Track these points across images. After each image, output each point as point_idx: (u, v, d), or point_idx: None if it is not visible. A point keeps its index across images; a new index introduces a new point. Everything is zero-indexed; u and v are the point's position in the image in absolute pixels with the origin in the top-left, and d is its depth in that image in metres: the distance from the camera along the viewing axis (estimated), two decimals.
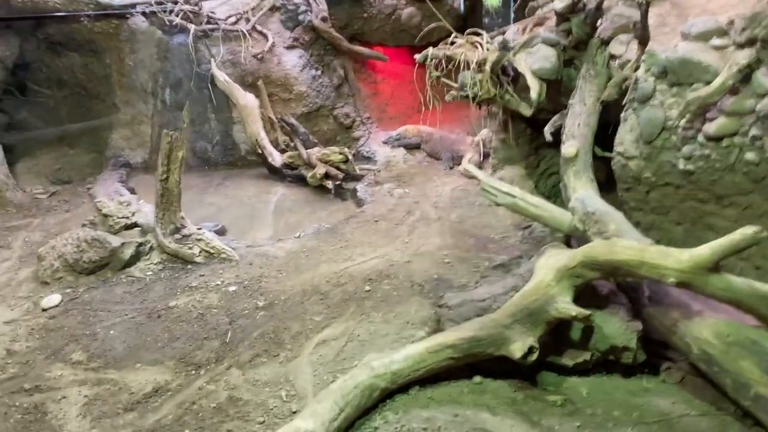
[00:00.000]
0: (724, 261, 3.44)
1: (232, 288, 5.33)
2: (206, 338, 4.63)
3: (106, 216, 6.34)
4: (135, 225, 6.39)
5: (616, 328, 3.95)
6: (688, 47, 4.61)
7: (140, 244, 5.91)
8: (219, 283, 5.43)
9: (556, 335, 3.99)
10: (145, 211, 6.77)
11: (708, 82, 4.46)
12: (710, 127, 4.39)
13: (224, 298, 5.16)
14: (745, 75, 4.25)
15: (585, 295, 4.05)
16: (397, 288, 5.19)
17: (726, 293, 3.46)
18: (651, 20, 5.13)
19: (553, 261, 4.03)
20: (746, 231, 3.34)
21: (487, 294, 4.42)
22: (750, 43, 4.27)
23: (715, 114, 4.38)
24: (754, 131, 4.21)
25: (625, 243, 3.73)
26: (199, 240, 5.93)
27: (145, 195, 7.50)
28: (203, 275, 5.58)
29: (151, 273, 5.70)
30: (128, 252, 5.76)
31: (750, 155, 4.25)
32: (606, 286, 4.17)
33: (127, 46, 9.13)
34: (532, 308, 3.82)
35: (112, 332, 4.81)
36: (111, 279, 5.62)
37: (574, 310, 3.71)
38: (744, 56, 4.21)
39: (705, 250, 3.42)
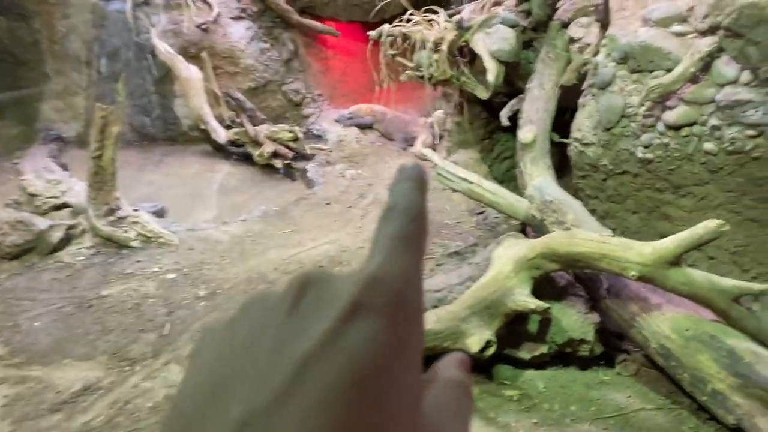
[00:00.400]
0: (685, 254, 3.38)
1: (170, 275, 4.99)
2: (142, 331, 4.30)
3: (32, 195, 5.84)
4: (65, 205, 5.92)
5: (573, 320, 3.87)
6: (649, 33, 4.51)
7: (70, 227, 5.47)
8: (157, 269, 5.08)
9: (513, 327, 3.86)
10: (77, 189, 6.30)
11: (669, 70, 4.37)
12: (670, 116, 4.31)
13: (162, 287, 4.83)
14: (707, 63, 4.18)
15: (542, 286, 3.93)
16: None
17: (686, 287, 3.39)
18: (611, 3, 5.02)
19: (511, 251, 3.89)
20: (709, 224, 3.27)
21: (442, 284, 4.25)
22: (712, 30, 4.19)
23: (675, 102, 4.30)
24: (713, 121, 4.15)
25: (585, 235, 3.62)
26: (136, 223, 5.54)
27: (78, 172, 6.98)
28: (140, 261, 5.21)
29: (82, 258, 5.29)
30: (57, 235, 5.33)
31: (708, 145, 4.19)
32: (564, 278, 4.07)
33: (59, 11, 8.46)
34: (489, 300, 3.67)
35: (37, 324, 4.41)
36: (37, 265, 5.18)
37: (533, 303, 3.59)
38: (706, 44, 4.13)
39: (668, 244, 3.33)
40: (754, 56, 3.88)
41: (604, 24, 4.66)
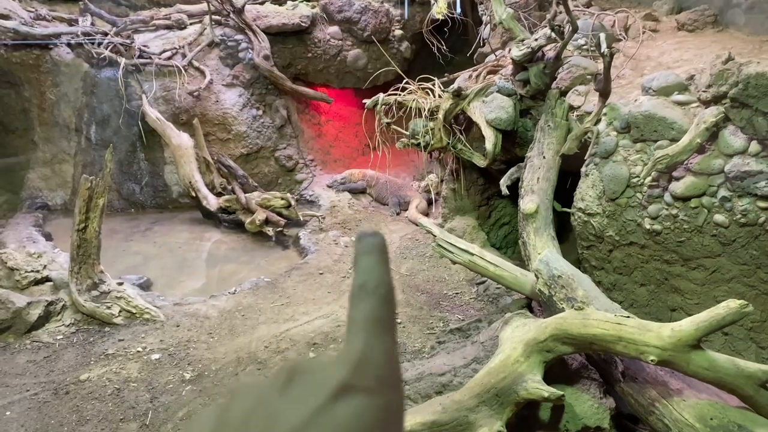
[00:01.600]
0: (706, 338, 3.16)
1: (155, 356, 4.68)
2: (122, 420, 3.97)
3: (12, 270, 5.57)
4: (46, 279, 5.66)
5: (587, 406, 3.60)
6: (651, 102, 4.43)
7: (50, 303, 5.18)
8: (140, 349, 4.77)
9: (523, 414, 3.59)
10: (60, 261, 6.06)
11: (673, 139, 4.27)
12: (677, 186, 4.18)
13: (145, 369, 4.51)
14: (712, 133, 4.08)
15: (553, 368, 3.68)
16: None
17: (709, 372, 3.15)
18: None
19: (520, 333, 3.65)
20: (731, 304, 3.06)
21: (446, 366, 3.98)
22: (716, 100, 4.12)
23: (682, 173, 4.18)
24: (723, 192, 4.01)
25: (599, 315, 3.39)
26: (119, 298, 5.27)
27: (63, 241, 6.76)
28: (122, 340, 4.91)
29: (61, 337, 4.98)
30: (35, 312, 5.03)
31: (719, 217, 4.04)
32: (576, 359, 3.81)
33: (49, 79, 8.41)
34: (499, 388, 3.40)
35: (8, 413, 4.07)
36: (13, 345, 4.87)
37: (546, 391, 3.32)
38: (712, 114, 4.03)
39: (688, 326, 3.11)
40: (762, 127, 3.78)
41: (604, 93, 4.59)
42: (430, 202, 8.51)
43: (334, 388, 0.41)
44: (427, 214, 8.27)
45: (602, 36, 4.25)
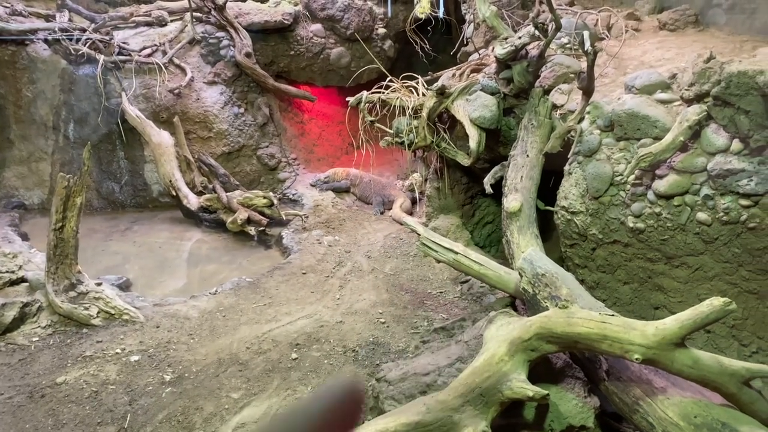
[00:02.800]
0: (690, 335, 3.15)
1: (134, 357, 4.59)
2: (100, 423, 3.88)
3: None
4: (22, 280, 5.53)
5: (572, 405, 3.58)
6: (634, 101, 4.43)
7: (26, 304, 5.06)
8: (119, 351, 4.68)
9: (507, 414, 3.56)
10: (37, 262, 5.92)
11: (656, 137, 4.28)
12: (660, 185, 4.18)
13: (124, 371, 4.42)
14: (695, 132, 4.09)
15: (538, 367, 3.65)
16: (328, 354, 4.64)
17: (693, 370, 3.15)
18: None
19: (504, 332, 3.62)
20: (714, 302, 3.06)
21: (430, 365, 3.95)
22: (699, 98, 4.13)
23: (665, 171, 4.18)
24: (705, 190, 4.02)
25: (584, 314, 3.37)
26: (98, 298, 5.16)
27: (39, 241, 6.61)
28: (100, 341, 4.80)
29: (37, 339, 4.86)
30: (10, 314, 4.91)
31: (702, 215, 4.05)
32: (560, 358, 3.80)
33: (26, 76, 8.24)
34: (483, 387, 3.37)
35: None
36: None
37: (531, 390, 3.30)
38: (694, 112, 4.04)
39: (672, 324, 3.10)
40: (744, 125, 3.79)
41: (588, 91, 4.58)
42: (414, 201, 8.48)
43: None
44: (411, 213, 8.24)
45: (586, 34, 4.24)
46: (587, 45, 4.18)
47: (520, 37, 4.93)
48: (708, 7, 6.15)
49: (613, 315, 3.35)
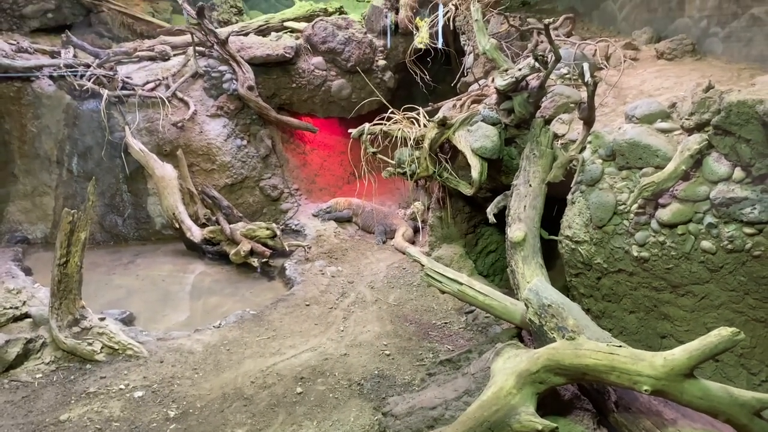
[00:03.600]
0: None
1: (138, 393, 4.55)
2: None
3: None
4: (26, 316, 5.52)
5: None
6: (635, 130, 4.47)
7: (30, 341, 5.04)
8: (123, 387, 4.64)
9: None
10: (40, 297, 5.93)
11: (657, 166, 4.30)
12: (664, 213, 4.20)
13: (128, 407, 4.38)
14: (696, 160, 4.11)
15: (546, 399, 3.62)
16: (333, 388, 4.60)
17: (703, 401, 3.12)
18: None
19: (512, 364, 3.60)
20: (722, 332, 3.04)
21: (437, 399, 3.91)
22: (699, 128, 4.16)
23: (668, 200, 4.20)
24: (709, 219, 4.03)
25: (592, 345, 3.36)
26: (101, 334, 5.14)
27: (43, 276, 6.63)
28: (104, 377, 4.77)
29: (41, 376, 4.83)
30: (14, 351, 4.89)
31: (706, 243, 4.06)
32: (568, 390, 3.77)
33: (31, 111, 8.32)
34: (492, 421, 3.33)
35: None
36: None
37: (540, 423, 3.26)
38: (695, 141, 4.08)
39: (681, 355, 3.08)
40: (746, 154, 3.82)
41: (589, 121, 4.62)
42: (416, 230, 8.49)
43: None
44: (413, 242, 8.24)
45: (585, 66, 4.30)
46: (587, 76, 4.24)
47: (520, 69, 5.00)
48: (705, 36, 6.24)
49: (620, 346, 3.33)
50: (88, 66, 8.54)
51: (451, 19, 7.92)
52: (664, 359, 3.12)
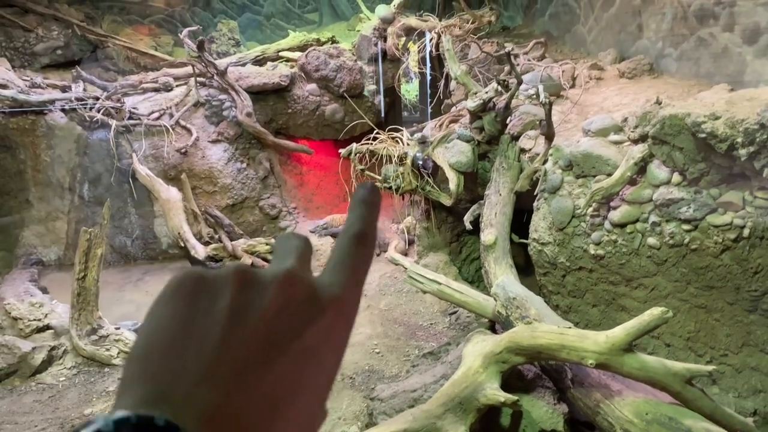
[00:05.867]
0: (637, 341, 3.65)
1: None
2: None
3: (15, 319, 5.96)
4: (48, 327, 6.05)
5: (543, 411, 4.04)
6: (589, 142, 5.05)
7: (53, 348, 5.58)
8: None
9: (486, 422, 4.02)
10: (59, 311, 6.45)
11: (609, 174, 4.86)
12: (615, 215, 4.75)
13: None
14: (641, 167, 4.67)
15: (512, 379, 4.14)
16: None
17: (641, 372, 3.63)
18: (555, 117, 5.60)
19: (479, 347, 4.13)
20: (654, 312, 3.57)
21: (418, 384, 4.43)
22: (642, 138, 4.73)
23: (618, 203, 4.76)
24: (653, 218, 4.58)
25: (546, 327, 3.89)
26: (118, 340, 5.67)
27: (58, 294, 7.15)
28: None
29: (64, 379, 5.35)
30: (39, 357, 5.42)
31: (652, 240, 4.60)
32: (531, 370, 4.28)
33: (44, 142, 8.94)
34: (462, 396, 3.85)
35: None
36: (19, 387, 5.23)
37: (503, 396, 3.78)
38: (639, 150, 4.64)
39: (619, 332, 3.61)
40: (680, 160, 4.38)
41: (549, 136, 5.20)
42: (410, 242, 9.03)
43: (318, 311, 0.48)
44: (405, 254, 8.77)
45: (540, 87, 4.89)
46: (542, 96, 4.82)
47: (486, 92, 5.60)
48: (660, 57, 6.85)
49: (569, 327, 3.87)
50: (97, 98, 9.16)
51: (434, 47, 8.55)
52: (606, 336, 3.65)
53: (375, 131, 6.66)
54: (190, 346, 0.44)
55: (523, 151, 5.76)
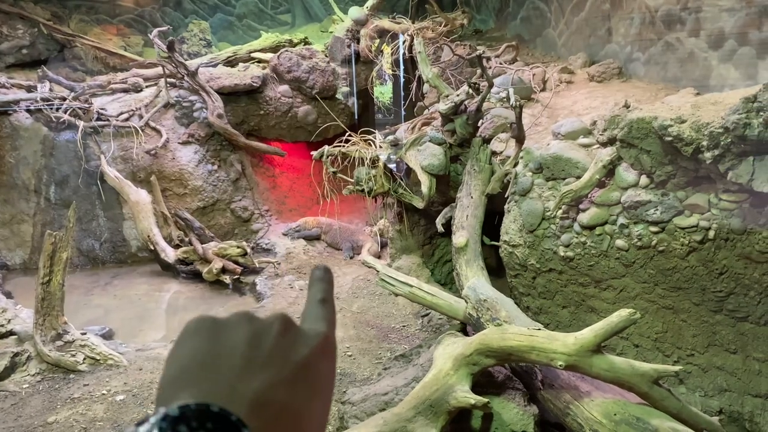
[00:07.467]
0: (606, 342, 3.68)
1: (119, 397, 4.97)
2: None
3: None
4: (11, 333, 5.89)
5: (513, 413, 4.05)
6: (559, 145, 5.09)
7: (16, 354, 5.42)
8: (105, 392, 5.05)
9: (457, 425, 4.02)
10: (23, 317, 6.28)
11: (578, 177, 4.91)
12: (584, 217, 4.80)
13: (111, 409, 4.79)
14: (610, 170, 4.73)
15: (483, 382, 4.15)
16: None
17: (609, 373, 3.67)
18: (525, 120, 5.65)
19: (450, 350, 4.12)
20: (622, 313, 3.61)
21: (389, 387, 4.41)
22: (611, 141, 4.79)
23: (587, 205, 4.80)
24: (621, 220, 4.64)
25: (515, 329, 3.90)
26: (83, 346, 5.54)
27: (23, 299, 6.98)
28: (87, 384, 5.17)
29: (27, 386, 5.21)
30: (2, 364, 5.27)
31: (620, 242, 4.66)
32: (501, 372, 4.30)
33: (8, 143, 8.72)
34: (432, 399, 3.84)
35: None
36: None
37: (473, 399, 3.78)
38: (607, 153, 4.70)
39: (588, 333, 3.64)
40: (647, 163, 4.44)
41: (519, 139, 5.23)
42: (383, 245, 9.01)
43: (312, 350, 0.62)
44: (379, 256, 8.74)
45: (511, 90, 4.92)
46: (512, 100, 4.85)
47: (458, 95, 5.61)
48: (629, 61, 6.96)
49: (539, 329, 3.89)
50: (63, 99, 8.97)
51: (407, 49, 8.55)
52: (575, 338, 3.68)
53: (348, 133, 6.63)
54: (222, 363, 0.56)
55: (494, 153, 5.79)
